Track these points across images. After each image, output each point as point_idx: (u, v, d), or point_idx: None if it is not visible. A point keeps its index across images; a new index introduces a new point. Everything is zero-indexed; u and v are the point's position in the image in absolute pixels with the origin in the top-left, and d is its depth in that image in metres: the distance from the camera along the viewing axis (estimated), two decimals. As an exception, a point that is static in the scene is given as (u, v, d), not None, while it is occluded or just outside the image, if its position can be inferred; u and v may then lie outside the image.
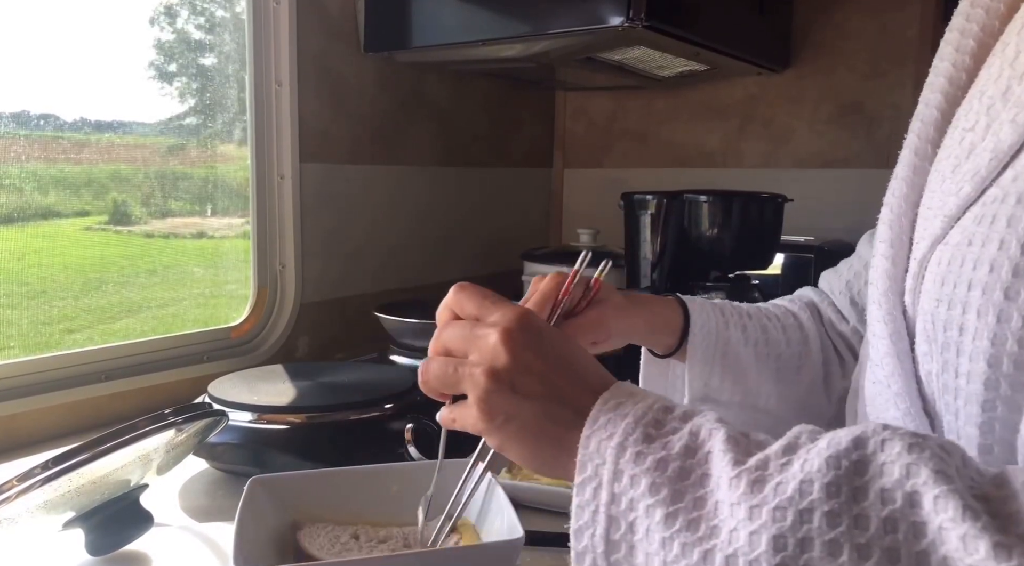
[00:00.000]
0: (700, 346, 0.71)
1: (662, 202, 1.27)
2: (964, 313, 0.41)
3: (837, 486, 0.35)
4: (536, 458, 0.45)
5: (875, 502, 0.34)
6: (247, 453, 0.84)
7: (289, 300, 1.27)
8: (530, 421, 0.45)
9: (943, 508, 0.32)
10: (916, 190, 0.51)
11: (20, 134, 1.03)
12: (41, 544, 0.71)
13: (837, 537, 0.34)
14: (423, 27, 1.29)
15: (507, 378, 0.45)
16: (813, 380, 0.75)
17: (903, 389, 0.48)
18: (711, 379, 0.71)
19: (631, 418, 0.42)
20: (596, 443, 0.41)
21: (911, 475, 0.34)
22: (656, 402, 0.43)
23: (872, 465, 0.35)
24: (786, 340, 0.74)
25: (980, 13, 0.50)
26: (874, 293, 0.51)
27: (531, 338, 0.46)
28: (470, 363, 0.47)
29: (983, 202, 0.43)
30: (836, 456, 0.36)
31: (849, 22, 1.52)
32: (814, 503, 0.35)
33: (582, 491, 0.41)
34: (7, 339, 1.03)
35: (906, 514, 0.33)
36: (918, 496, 0.33)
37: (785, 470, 0.37)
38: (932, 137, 0.51)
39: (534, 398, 0.45)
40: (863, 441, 0.36)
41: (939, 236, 0.45)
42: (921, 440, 0.36)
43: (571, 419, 0.44)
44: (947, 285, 0.43)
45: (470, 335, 0.48)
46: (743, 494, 0.36)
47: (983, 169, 0.43)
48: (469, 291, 0.50)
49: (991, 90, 0.46)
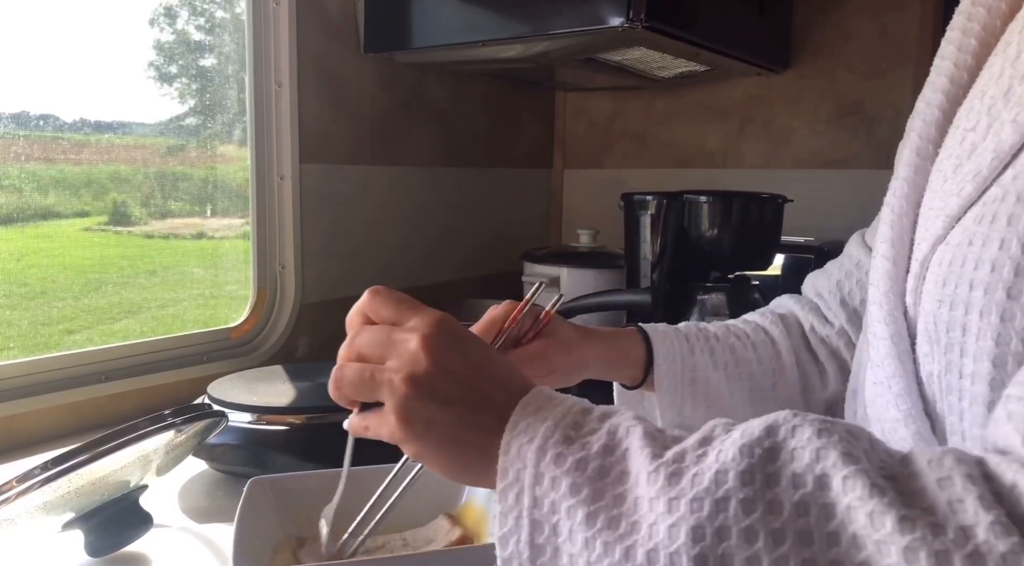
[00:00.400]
0: (666, 376, 0.70)
1: (662, 202, 1.27)
2: (967, 313, 0.41)
3: (751, 473, 0.35)
4: (457, 466, 0.45)
5: (787, 487, 0.35)
6: (247, 454, 0.84)
7: (289, 300, 1.27)
8: (451, 428, 0.44)
9: (851, 488, 0.33)
10: (917, 190, 0.51)
11: (20, 134, 1.03)
12: (41, 545, 0.71)
13: (752, 523, 0.34)
14: (423, 27, 1.29)
15: (427, 384, 0.44)
16: (789, 396, 0.74)
17: (904, 390, 0.48)
18: (683, 408, 0.70)
19: (550, 421, 0.41)
20: (516, 448, 0.41)
21: (820, 458, 0.35)
22: (575, 405, 0.43)
23: (784, 451, 0.36)
24: (757, 358, 0.73)
25: (982, 12, 0.50)
26: (875, 294, 0.51)
27: (451, 343, 0.45)
28: (388, 369, 0.45)
29: (984, 201, 0.43)
30: (749, 445, 0.36)
31: (849, 22, 1.52)
32: (730, 491, 0.35)
33: (505, 497, 0.40)
34: (7, 340, 1.03)
35: (816, 496, 0.34)
36: (827, 478, 0.34)
37: (701, 461, 0.37)
38: (933, 137, 0.51)
39: (454, 404, 0.44)
40: (774, 429, 0.37)
41: (940, 236, 0.45)
42: (829, 425, 0.37)
43: (493, 424, 0.43)
44: (949, 285, 0.43)
45: (387, 340, 0.46)
46: (661, 487, 0.37)
47: (984, 169, 0.43)
48: (384, 296, 0.49)
49: (993, 90, 0.46)
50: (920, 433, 0.47)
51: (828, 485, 0.34)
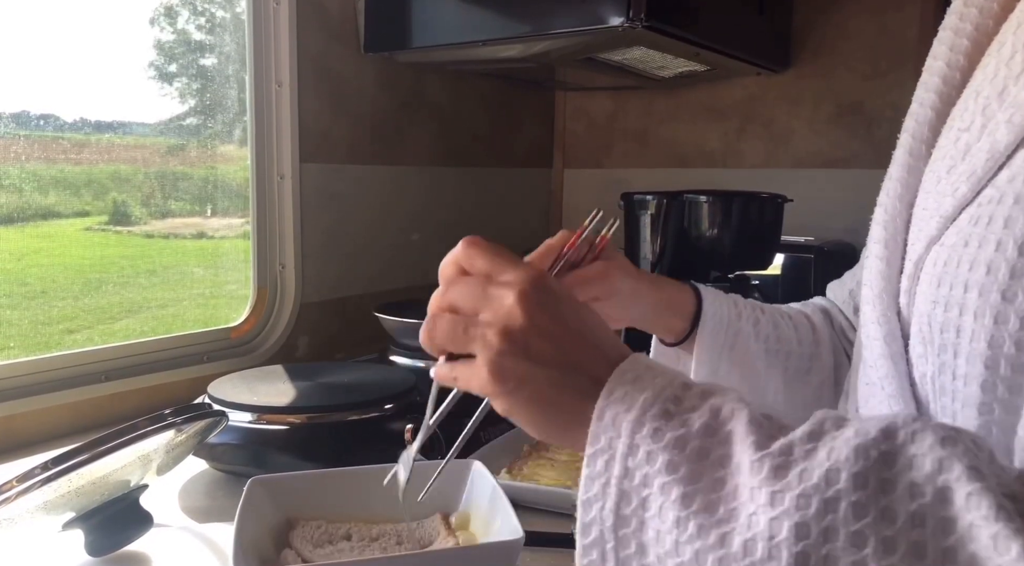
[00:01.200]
0: (710, 333, 0.69)
1: (662, 202, 1.27)
2: (961, 315, 0.41)
3: (865, 476, 0.34)
4: (546, 426, 0.44)
5: (903, 495, 0.33)
6: (247, 453, 0.84)
7: (289, 300, 1.27)
8: (543, 387, 0.43)
9: (975, 506, 0.32)
10: (910, 190, 0.51)
11: (20, 134, 1.03)
12: (41, 544, 0.71)
13: (862, 528, 0.33)
14: (423, 27, 1.29)
15: (522, 340, 0.43)
16: (823, 382, 0.74)
17: (897, 391, 0.47)
18: (719, 367, 0.70)
19: (650, 392, 0.40)
20: (612, 415, 0.40)
21: (943, 470, 0.33)
22: (676, 378, 0.42)
23: (901, 457, 0.34)
24: (798, 339, 0.73)
25: (974, 12, 0.50)
26: (868, 294, 0.51)
27: (548, 301, 0.44)
28: (483, 322, 0.44)
29: (979, 203, 0.42)
30: (864, 446, 0.35)
31: (849, 22, 1.52)
32: (840, 492, 0.34)
33: (593, 463, 0.39)
34: (7, 339, 1.03)
35: (935, 509, 0.32)
36: (949, 492, 0.33)
37: (810, 457, 0.36)
38: (926, 137, 0.51)
39: (548, 364, 0.43)
40: (893, 432, 0.35)
41: (935, 237, 0.45)
42: (954, 434, 0.35)
43: (586, 388, 0.42)
44: (943, 286, 0.43)
45: (482, 293, 0.45)
46: (765, 478, 0.35)
47: (979, 169, 0.43)
48: (481, 246, 0.47)
49: (987, 90, 0.46)
50: None
51: (950, 499, 0.32)
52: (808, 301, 0.82)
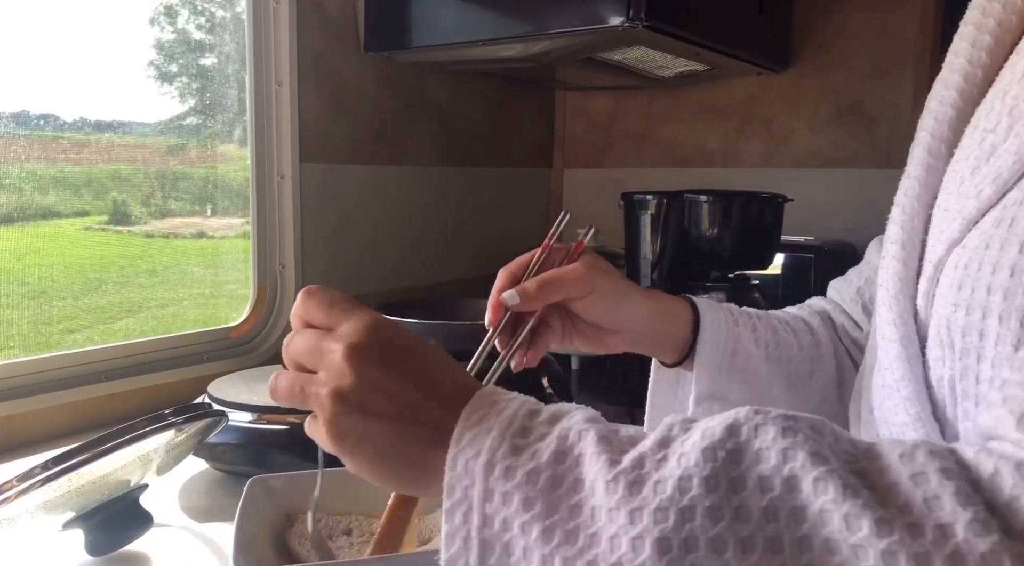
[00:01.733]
0: (711, 342, 0.67)
1: (662, 202, 1.27)
2: (984, 318, 0.40)
3: (715, 479, 0.34)
4: (395, 481, 0.43)
5: (754, 491, 0.33)
6: (247, 453, 0.84)
7: (289, 300, 1.27)
8: (383, 443, 0.41)
9: (823, 490, 0.32)
10: (929, 190, 0.50)
11: (20, 134, 1.03)
12: (41, 544, 0.71)
13: (720, 532, 0.33)
14: (423, 27, 1.29)
15: (355, 399, 0.41)
16: (825, 386, 0.73)
17: (913, 394, 0.47)
18: (719, 377, 0.68)
19: (496, 431, 0.39)
20: (463, 463, 0.38)
21: (788, 459, 0.33)
22: (521, 407, 0.41)
23: (748, 453, 0.34)
24: (797, 344, 0.72)
25: (997, 8, 0.49)
26: (884, 295, 0.50)
27: (380, 353, 0.42)
28: (317, 382, 0.43)
29: (1003, 205, 0.42)
30: (712, 448, 0.35)
31: (849, 22, 1.52)
32: (695, 499, 0.33)
33: (452, 517, 0.38)
34: (7, 339, 1.03)
35: (785, 500, 0.33)
36: (796, 480, 0.33)
37: (662, 467, 0.35)
38: (947, 136, 0.50)
39: (386, 419, 0.41)
40: (737, 428, 0.35)
41: (956, 239, 0.44)
42: (793, 422, 0.35)
43: (430, 438, 0.41)
44: (965, 289, 0.42)
45: (316, 349, 0.44)
46: (622, 498, 0.35)
47: (1005, 172, 0.42)
48: (318, 297, 0.46)
49: (1015, 90, 0.45)
50: (929, 437, 0.46)
51: (797, 487, 0.33)
52: (803, 304, 0.80)
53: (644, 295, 0.67)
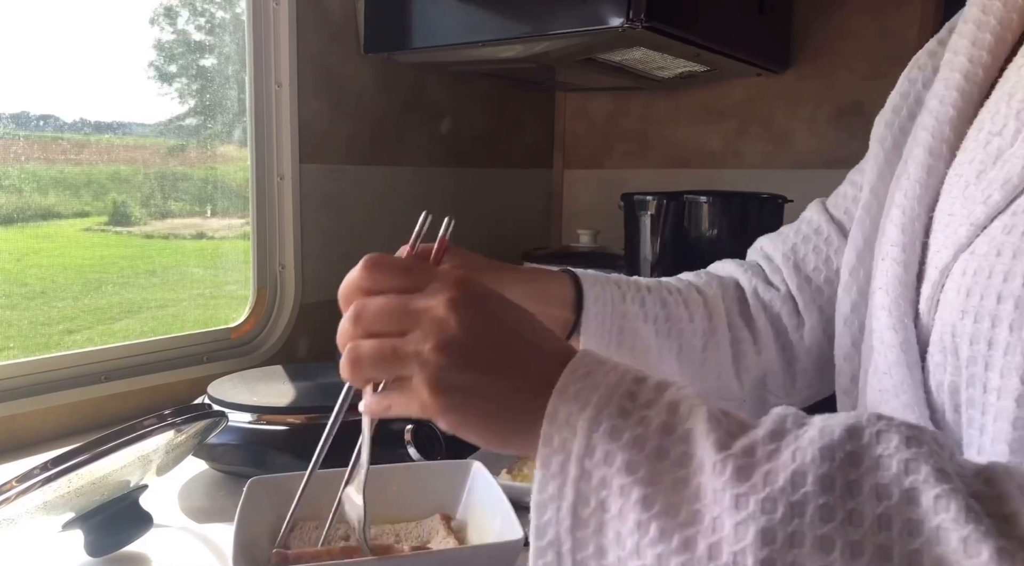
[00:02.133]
0: (595, 319, 0.64)
1: (662, 202, 1.27)
2: (993, 326, 0.40)
3: (831, 479, 0.33)
4: (500, 435, 0.41)
5: (870, 497, 0.33)
6: (247, 454, 0.84)
7: (289, 300, 1.27)
8: (492, 395, 0.40)
9: (944, 508, 0.31)
10: (929, 192, 0.49)
11: (20, 135, 1.03)
12: (41, 545, 0.71)
13: (829, 532, 0.32)
14: (423, 28, 1.29)
15: (461, 351, 0.40)
16: (720, 359, 0.70)
17: (912, 400, 0.46)
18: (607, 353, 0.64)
19: (603, 389, 0.38)
20: (566, 415, 0.38)
21: (910, 471, 0.33)
22: (628, 371, 0.40)
23: (867, 458, 0.34)
24: (688, 316, 0.68)
25: (998, 5, 0.48)
26: (884, 299, 0.49)
27: (481, 304, 0.42)
28: (414, 340, 0.41)
29: (1013, 211, 0.41)
30: (830, 447, 0.34)
31: (849, 22, 1.52)
32: (807, 496, 0.33)
33: (547, 464, 0.37)
34: (7, 340, 1.03)
35: (902, 511, 0.32)
36: (916, 493, 0.32)
37: (774, 458, 0.35)
38: (948, 136, 0.49)
39: (494, 370, 0.40)
40: (858, 431, 0.35)
41: (964, 244, 0.44)
42: (918, 433, 0.34)
43: (538, 388, 0.39)
44: (973, 296, 0.41)
45: (404, 310, 0.41)
46: (729, 480, 0.34)
47: (1015, 177, 0.41)
48: (386, 264, 0.44)
49: (1021, 93, 0.44)
50: None
51: (917, 501, 0.32)
52: (702, 270, 0.77)
53: (517, 280, 0.64)
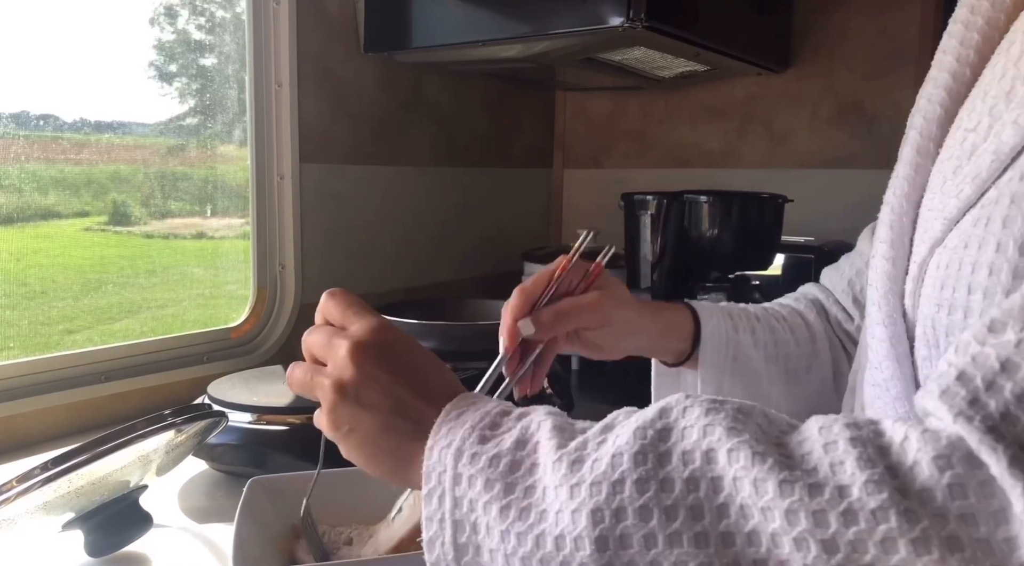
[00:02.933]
0: (711, 351, 0.70)
1: (662, 202, 1.27)
2: (966, 317, 0.41)
3: (644, 454, 0.37)
4: (379, 468, 0.47)
5: (678, 464, 0.36)
6: (247, 454, 0.84)
7: (289, 300, 1.27)
8: (373, 433, 0.46)
9: (735, 459, 0.35)
10: (917, 189, 0.50)
11: (20, 134, 1.03)
12: (41, 545, 0.71)
13: (647, 502, 0.36)
14: (423, 27, 1.29)
15: (352, 391, 0.46)
16: (823, 379, 0.74)
17: (902, 393, 0.47)
18: (723, 384, 0.70)
19: (469, 424, 0.43)
20: (438, 452, 0.42)
21: (707, 434, 0.36)
22: (496, 408, 0.45)
23: (675, 431, 0.38)
24: (795, 340, 0.73)
25: (985, 5, 0.49)
26: (874, 295, 0.50)
27: (380, 352, 0.47)
28: (324, 373, 0.48)
29: (982, 204, 0.42)
30: (642, 427, 0.38)
31: (849, 22, 1.52)
32: (624, 473, 0.37)
33: (429, 502, 0.42)
34: (7, 340, 1.03)
35: (704, 471, 0.35)
36: (713, 452, 0.36)
37: (601, 447, 0.39)
38: (935, 134, 0.50)
39: (378, 410, 0.46)
40: (667, 410, 0.39)
41: (939, 239, 0.45)
42: (718, 404, 0.38)
43: (412, 431, 0.45)
44: (946, 289, 0.42)
45: (328, 344, 0.48)
46: (564, 475, 0.38)
47: (984, 171, 0.42)
48: (337, 299, 0.51)
49: (995, 90, 0.45)
50: None
51: (715, 459, 0.35)
52: (799, 292, 0.81)
53: (651, 320, 0.70)
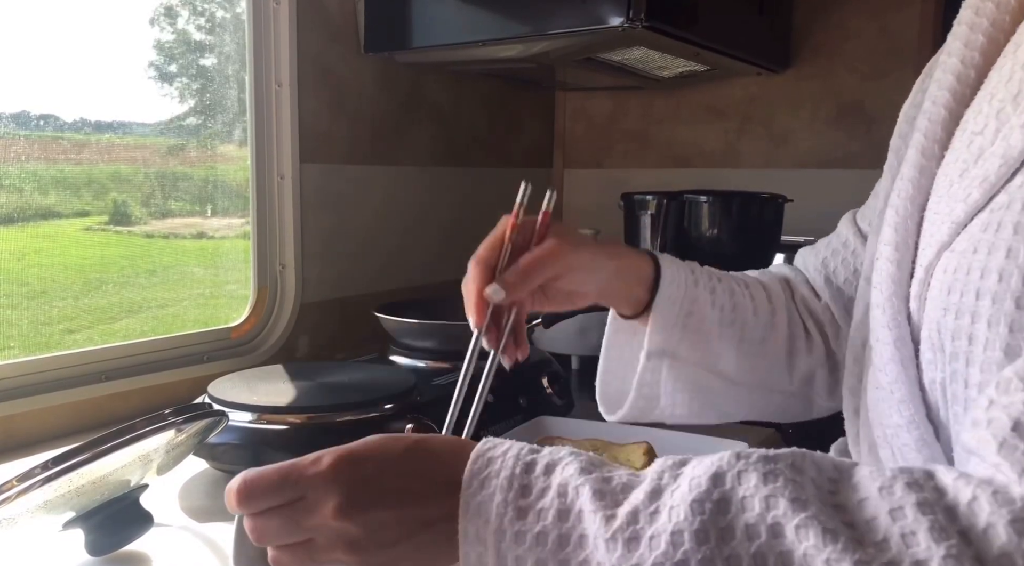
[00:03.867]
0: (667, 299, 0.67)
1: (662, 202, 1.27)
2: (973, 323, 0.40)
3: (705, 532, 0.35)
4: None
5: (742, 540, 0.35)
6: (247, 453, 0.84)
7: (289, 300, 1.27)
8: (410, 557, 0.43)
9: (804, 536, 0.34)
10: (922, 192, 0.50)
11: (20, 134, 1.03)
12: (41, 544, 0.71)
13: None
14: (423, 27, 1.29)
15: (366, 544, 0.43)
16: (776, 352, 0.72)
17: (907, 396, 0.47)
18: (672, 334, 0.68)
19: (499, 495, 0.40)
20: (474, 531, 0.40)
21: (771, 507, 0.35)
22: (516, 464, 0.42)
23: (734, 502, 0.36)
24: (753, 308, 0.71)
25: (990, 7, 0.49)
26: (878, 297, 0.50)
27: (361, 491, 0.43)
28: (323, 549, 0.43)
29: (991, 209, 0.42)
30: (699, 500, 0.36)
31: (849, 22, 1.52)
32: (688, 554, 0.35)
33: None
34: (7, 339, 1.03)
35: (772, 546, 0.34)
36: (780, 527, 0.34)
37: (655, 520, 0.37)
38: (940, 137, 0.50)
39: (402, 542, 0.43)
40: (721, 477, 0.37)
41: (946, 243, 0.44)
42: (773, 465, 0.37)
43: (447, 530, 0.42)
44: (954, 294, 0.42)
45: (297, 526, 0.43)
46: (621, 556, 0.37)
47: (992, 175, 0.42)
48: (254, 482, 0.44)
49: (1002, 93, 0.44)
50: (923, 439, 0.46)
51: (782, 534, 0.34)
52: (769, 268, 0.80)
53: (610, 256, 0.67)
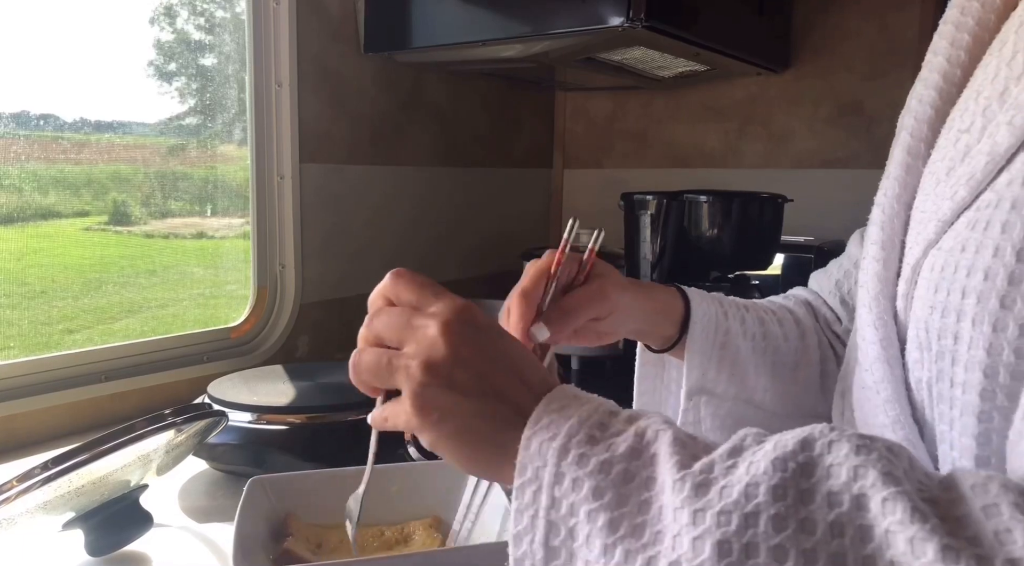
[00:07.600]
0: (700, 335, 0.67)
1: (662, 202, 1.27)
2: (959, 321, 0.40)
3: (783, 489, 0.34)
4: (472, 459, 0.43)
5: (822, 505, 0.33)
6: (247, 453, 0.84)
7: (289, 300, 1.27)
8: (467, 419, 0.42)
9: (891, 511, 0.32)
10: (908, 190, 0.50)
11: (20, 134, 1.03)
12: (41, 544, 0.71)
13: (783, 542, 0.32)
14: (423, 27, 1.29)
15: (444, 372, 0.42)
16: (809, 377, 0.73)
17: (892, 396, 0.47)
18: (708, 370, 0.68)
19: (575, 420, 0.40)
20: (537, 444, 0.39)
21: (859, 477, 0.33)
22: (602, 405, 0.42)
23: (819, 467, 0.34)
24: (783, 334, 0.72)
25: (975, 6, 0.49)
26: (864, 296, 0.50)
27: (472, 332, 0.43)
28: (405, 355, 0.44)
29: (977, 207, 0.42)
30: (783, 458, 0.35)
31: (849, 22, 1.52)
32: (760, 507, 0.33)
33: (521, 495, 0.39)
34: (7, 339, 1.03)
35: (853, 517, 0.32)
36: (865, 499, 0.32)
37: (731, 473, 0.35)
38: (925, 135, 0.50)
39: (471, 395, 0.42)
40: (810, 443, 0.35)
41: (933, 241, 0.44)
42: (869, 442, 0.35)
43: (510, 419, 0.41)
44: (940, 292, 0.42)
45: (406, 324, 0.44)
46: (687, 498, 0.35)
47: (979, 173, 0.42)
48: (408, 278, 0.47)
49: (988, 90, 0.45)
50: (908, 439, 0.46)
51: (866, 506, 0.32)
52: (789, 293, 0.80)
53: (647, 298, 0.67)
